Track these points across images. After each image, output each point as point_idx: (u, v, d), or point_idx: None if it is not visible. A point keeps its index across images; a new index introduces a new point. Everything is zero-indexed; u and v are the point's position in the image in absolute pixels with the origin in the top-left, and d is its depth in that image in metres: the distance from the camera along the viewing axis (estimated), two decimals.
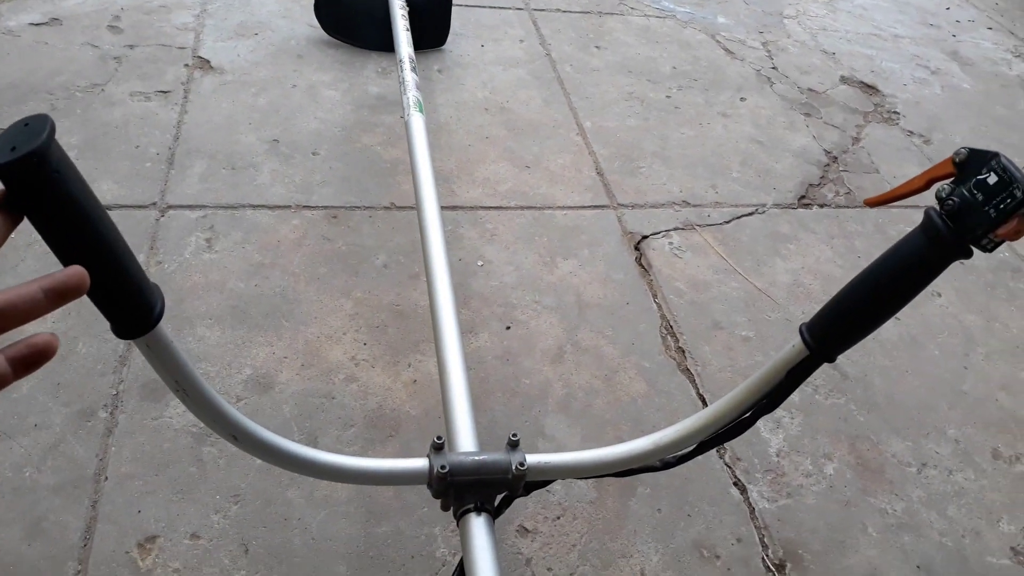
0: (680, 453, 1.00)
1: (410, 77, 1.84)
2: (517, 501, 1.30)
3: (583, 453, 1.06)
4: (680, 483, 1.41)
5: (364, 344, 1.56)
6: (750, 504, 1.42)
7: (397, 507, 1.30)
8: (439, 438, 1.05)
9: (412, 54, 1.94)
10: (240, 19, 2.42)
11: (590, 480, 1.40)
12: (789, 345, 0.86)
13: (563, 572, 1.27)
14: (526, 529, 1.31)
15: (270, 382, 1.46)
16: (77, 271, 0.43)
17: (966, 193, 0.63)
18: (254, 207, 1.80)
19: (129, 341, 0.61)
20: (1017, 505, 1.51)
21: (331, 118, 2.10)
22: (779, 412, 1.58)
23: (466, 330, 1.61)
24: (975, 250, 0.64)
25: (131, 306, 0.58)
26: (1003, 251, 2.13)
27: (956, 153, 0.65)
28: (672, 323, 1.72)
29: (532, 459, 1.08)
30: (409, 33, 2.02)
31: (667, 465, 1.02)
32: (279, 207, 1.81)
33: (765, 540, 1.37)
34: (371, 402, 1.46)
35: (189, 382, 0.78)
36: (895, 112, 2.62)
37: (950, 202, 0.63)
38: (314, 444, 1.37)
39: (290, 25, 2.44)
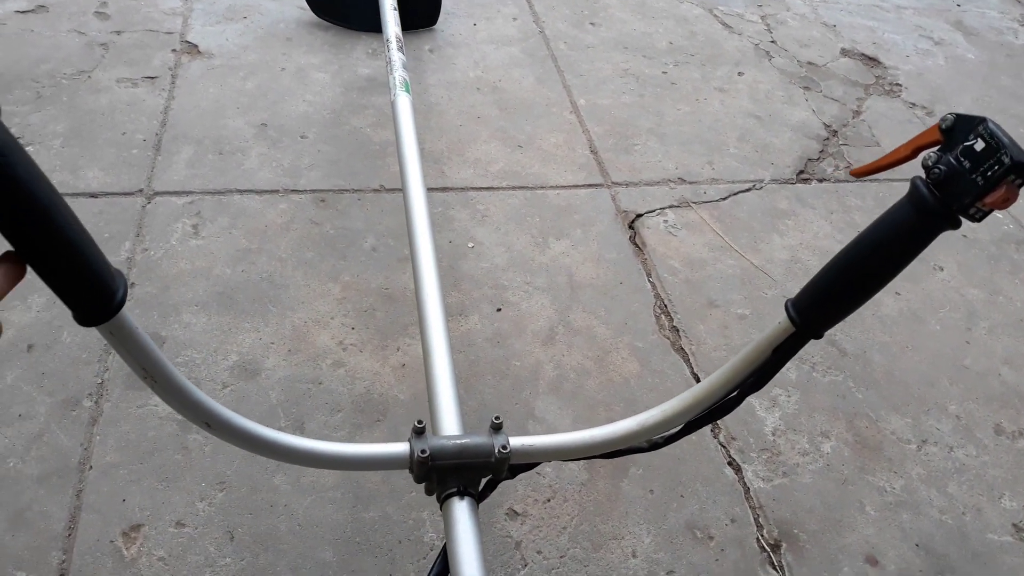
0: (667, 433, 0.98)
1: (397, 57, 1.81)
2: (507, 484, 1.29)
3: (568, 435, 1.04)
4: (673, 464, 1.39)
5: (352, 328, 1.54)
6: (745, 484, 1.39)
7: (385, 492, 1.28)
8: (420, 422, 1.03)
9: (399, 34, 1.90)
10: (229, 3, 2.39)
11: (581, 462, 1.38)
12: (775, 322, 0.84)
13: (553, 555, 1.25)
14: (516, 512, 1.29)
15: (257, 368, 1.44)
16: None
17: (953, 161, 0.60)
18: (241, 192, 1.78)
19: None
20: (1020, 481, 1.49)
21: (320, 101, 2.07)
22: (775, 390, 1.56)
23: (456, 312, 1.59)
24: (973, 222, 0.61)
25: (91, 293, 0.56)
26: (1007, 223, 2.09)
27: (942, 119, 0.63)
28: (666, 302, 1.69)
29: (516, 442, 1.06)
30: (396, 13, 1.98)
31: (655, 446, 1.00)
32: (267, 192, 1.79)
33: (760, 520, 1.34)
34: (359, 387, 1.44)
35: (157, 369, 0.76)
36: (897, 84, 2.57)
37: (936, 170, 0.61)
38: (301, 430, 1.35)
39: (279, 8, 2.40)
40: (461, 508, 0.97)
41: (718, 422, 1.48)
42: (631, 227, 1.86)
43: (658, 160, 2.06)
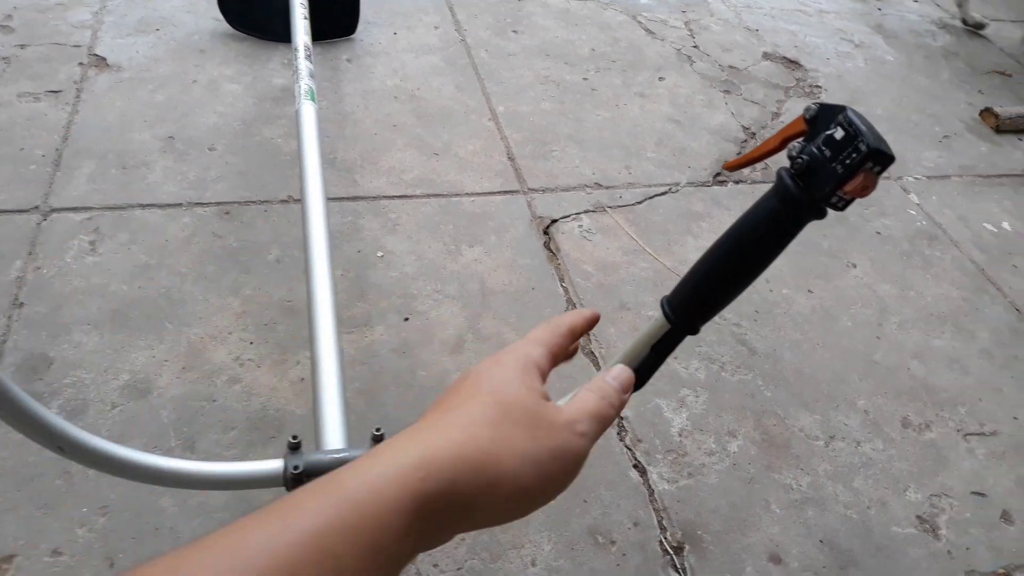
0: None
1: (304, 66, 1.78)
2: None
3: None
4: None
5: (250, 343, 1.50)
6: (649, 486, 1.38)
7: None
8: (294, 437, 1.00)
9: (308, 43, 1.87)
10: (141, 15, 2.34)
11: None
12: (652, 320, 0.83)
13: (450, 568, 1.22)
14: None
15: (148, 387, 1.40)
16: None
17: (815, 150, 0.60)
18: (143, 207, 1.73)
19: None
20: (924, 473, 1.49)
21: (231, 112, 2.04)
22: (683, 390, 1.55)
23: (361, 323, 1.56)
24: (836, 211, 0.61)
25: None
26: (920, 219, 2.12)
27: (806, 109, 0.62)
28: (578, 306, 1.68)
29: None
30: (307, 22, 1.95)
31: None
32: (170, 205, 1.75)
33: (663, 522, 1.33)
34: (254, 403, 1.40)
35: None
36: (817, 86, 2.60)
37: (799, 160, 0.60)
38: (192, 450, 1.31)
39: (194, 20, 2.36)
40: None
41: (625, 425, 1.46)
42: (546, 233, 1.85)
43: (576, 166, 2.06)
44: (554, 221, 1.88)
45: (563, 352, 0.55)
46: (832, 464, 1.47)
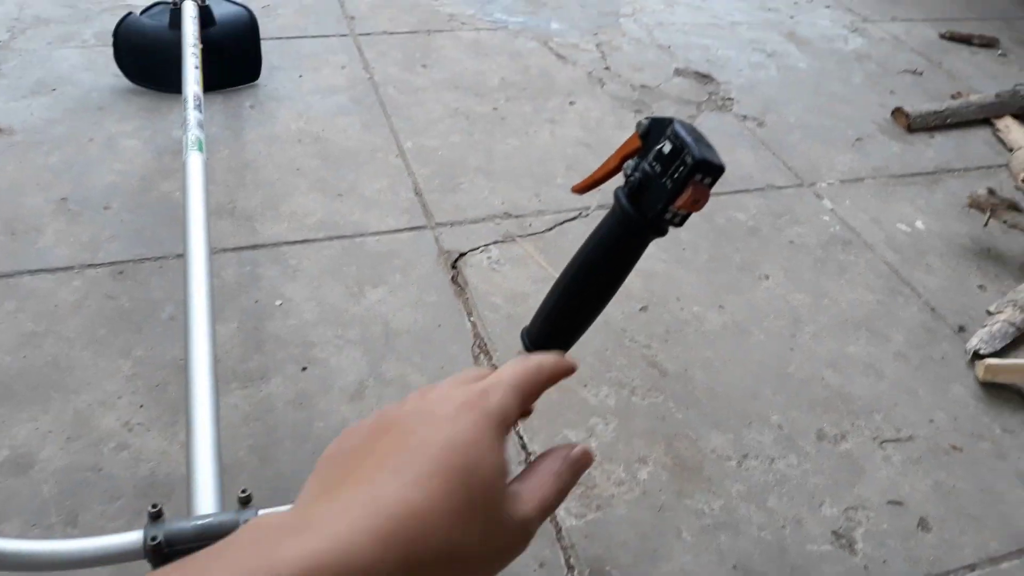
0: None
1: (192, 116, 1.75)
2: None
3: None
4: None
5: (141, 406, 1.44)
6: (556, 523, 1.34)
7: None
8: (154, 506, 0.96)
9: (199, 92, 1.84)
10: (38, 76, 2.30)
11: None
12: (515, 351, 0.80)
13: None
14: None
15: (30, 461, 1.34)
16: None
17: (647, 167, 0.58)
18: (32, 272, 1.68)
19: None
20: (840, 485, 1.47)
21: (129, 168, 1.99)
22: (592, 419, 1.52)
23: (257, 377, 1.51)
24: (675, 227, 0.58)
25: None
26: (834, 225, 2.12)
27: (638, 125, 0.60)
28: (486, 340, 1.65)
29: (267, 514, 1.00)
30: (198, 71, 1.92)
31: None
32: (60, 269, 1.69)
33: (571, 560, 1.29)
34: (143, 469, 1.35)
35: None
36: (729, 98, 2.62)
37: (632, 178, 0.58)
38: (74, 524, 1.25)
39: (93, 77, 2.32)
40: None
41: (531, 460, 1.43)
42: (454, 267, 1.82)
43: (484, 197, 2.04)
44: (462, 254, 1.85)
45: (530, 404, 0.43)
46: (745, 484, 1.45)
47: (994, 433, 1.62)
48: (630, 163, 0.61)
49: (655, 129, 0.59)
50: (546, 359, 0.45)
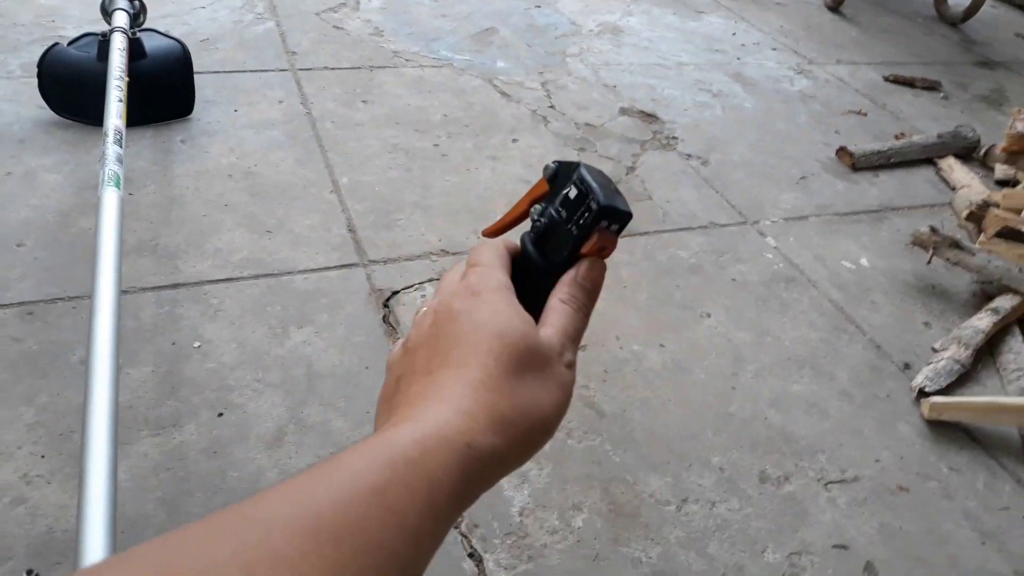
0: None
1: (112, 151, 1.67)
2: None
3: None
4: None
5: (41, 457, 1.34)
6: (485, 575, 1.26)
7: None
8: (29, 571, 0.87)
9: (120, 126, 1.77)
10: None
11: None
12: None
13: None
14: None
15: None
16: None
17: (553, 212, 0.53)
18: None
19: None
20: (783, 530, 1.42)
21: (47, 204, 1.90)
22: (526, 465, 1.45)
23: (169, 424, 1.42)
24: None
25: None
26: (777, 262, 2.10)
27: (545, 168, 0.56)
28: None
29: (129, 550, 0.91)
30: (122, 104, 1.85)
31: None
32: None
33: None
34: (39, 525, 1.24)
35: None
36: (674, 137, 2.61)
37: (539, 223, 0.54)
38: None
39: (15, 108, 2.23)
40: None
41: None
42: (385, 306, 1.75)
43: (421, 233, 1.98)
44: (395, 293, 1.79)
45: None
46: (684, 530, 1.38)
47: (941, 472, 1.59)
48: (537, 207, 0.56)
49: (562, 173, 0.55)
50: (498, 240, 0.52)
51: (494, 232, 0.73)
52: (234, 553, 0.28)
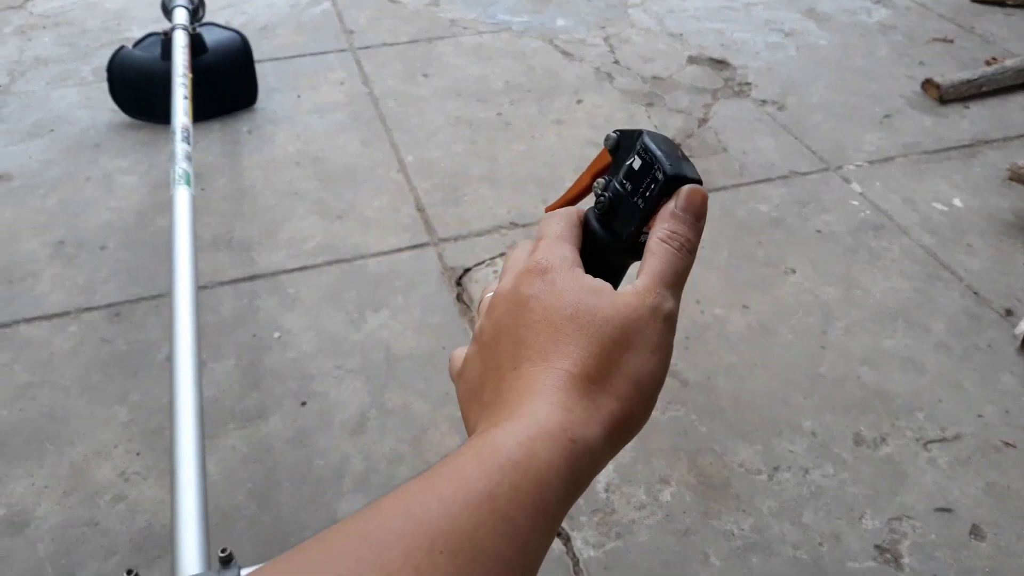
0: None
1: (180, 149, 1.70)
2: None
3: None
4: None
5: (137, 454, 1.39)
6: (574, 555, 1.25)
7: None
8: (129, 571, 0.90)
9: (187, 124, 1.79)
10: (36, 117, 2.28)
11: None
12: None
13: None
14: None
15: (26, 519, 1.29)
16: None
17: (617, 185, 0.50)
18: (28, 321, 1.64)
19: None
20: (881, 494, 1.36)
21: (125, 205, 1.95)
22: None
23: (254, 416, 1.45)
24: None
25: None
26: (864, 209, 1.99)
27: (606, 139, 0.52)
28: None
29: (250, 573, 0.94)
30: (187, 101, 1.87)
31: None
32: (56, 315, 1.65)
33: None
34: (139, 521, 1.29)
35: None
36: (746, 83, 2.49)
37: (603, 198, 0.51)
38: None
39: (91, 115, 2.29)
40: None
41: None
42: (458, 284, 1.74)
43: (489, 207, 1.95)
44: (467, 270, 1.77)
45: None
46: (777, 500, 1.34)
47: None
48: (600, 181, 0.52)
49: (625, 143, 0.51)
50: (572, 208, 0.49)
51: (558, 207, 0.70)
52: (352, 574, 0.29)
